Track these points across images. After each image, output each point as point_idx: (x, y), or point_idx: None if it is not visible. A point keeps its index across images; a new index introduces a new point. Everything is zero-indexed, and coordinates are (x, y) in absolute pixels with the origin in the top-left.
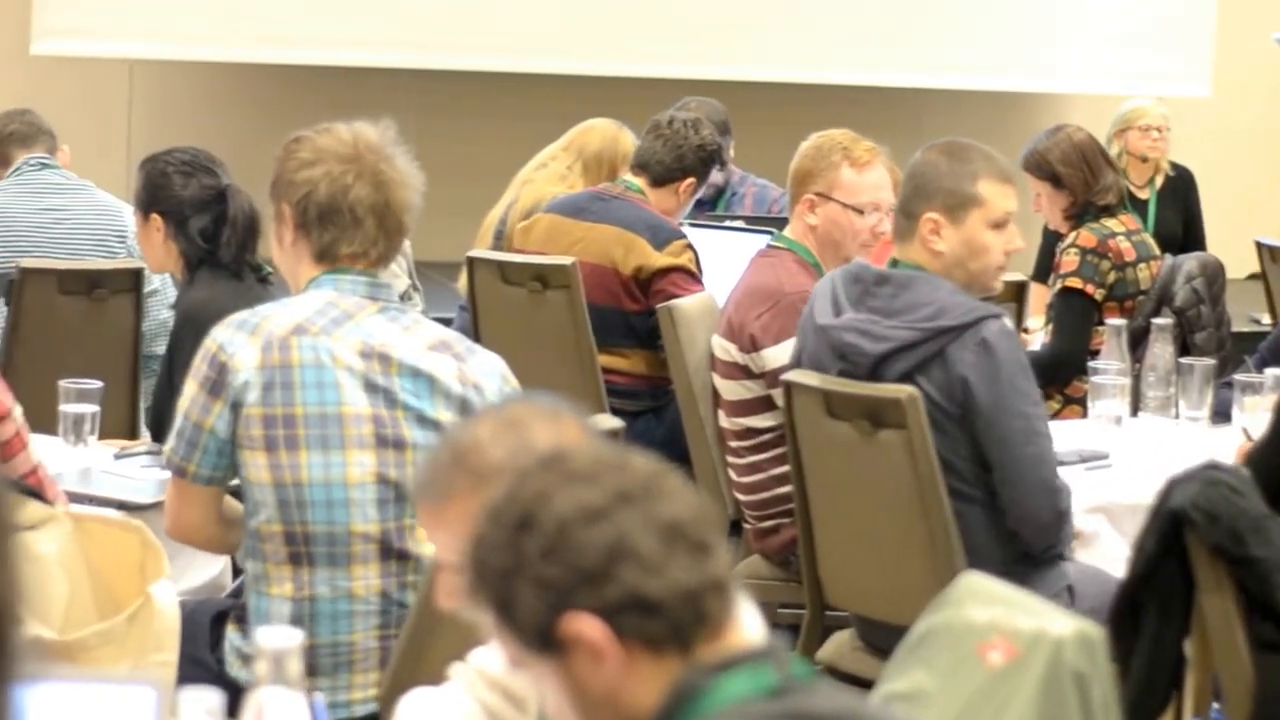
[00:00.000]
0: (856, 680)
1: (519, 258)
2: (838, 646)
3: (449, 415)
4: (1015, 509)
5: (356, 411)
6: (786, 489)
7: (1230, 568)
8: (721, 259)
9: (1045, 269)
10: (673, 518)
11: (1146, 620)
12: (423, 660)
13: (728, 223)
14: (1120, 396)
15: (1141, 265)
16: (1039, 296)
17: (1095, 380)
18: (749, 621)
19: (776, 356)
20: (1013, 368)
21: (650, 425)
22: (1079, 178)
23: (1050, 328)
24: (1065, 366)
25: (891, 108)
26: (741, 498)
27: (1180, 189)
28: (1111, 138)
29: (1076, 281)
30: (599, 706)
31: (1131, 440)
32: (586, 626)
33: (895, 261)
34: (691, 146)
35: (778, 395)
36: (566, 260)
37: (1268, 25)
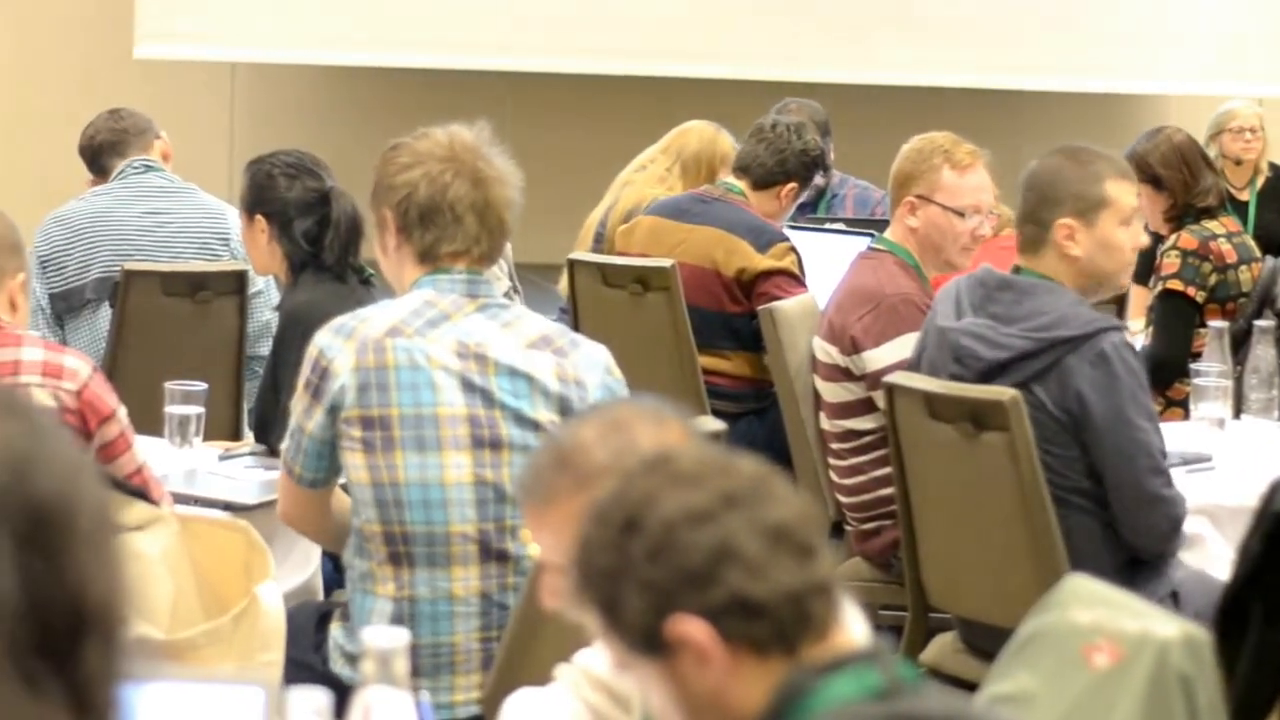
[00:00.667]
0: (959, 682)
1: (620, 260)
2: (940, 649)
3: (548, 414)
4: (1129, 519)
5: (452, 412)
6: (888, 491)
7: None
8: (822, 261)
9: (1146, 271)
10: (777, 520)
11: (1252, 623)
12: (527, 661)
13: (829, 225)
14: (1222, 399)
15: (1243, 267)
16: (1139, 299)
17: (1197, 383)
18: (854, 623)
19: (878, 358)
20: (1130, 381)
21: (752, 427)
22: (1179, 180)
23: (1151, 330)
24: (1167, 369)
25: (990, 110)
26: (843, 500)
27: None
28: (1208, 141)
29: (1178, 284)
30: (704, 708)
31: (1234, 442)
32: (692, 628)
33: (1018, 269)
34: (794, 151)
35: (879, 397)
36: (666, 262)
37: None
